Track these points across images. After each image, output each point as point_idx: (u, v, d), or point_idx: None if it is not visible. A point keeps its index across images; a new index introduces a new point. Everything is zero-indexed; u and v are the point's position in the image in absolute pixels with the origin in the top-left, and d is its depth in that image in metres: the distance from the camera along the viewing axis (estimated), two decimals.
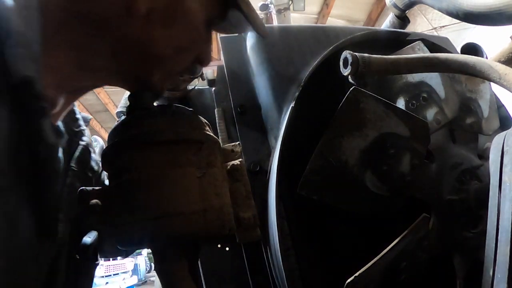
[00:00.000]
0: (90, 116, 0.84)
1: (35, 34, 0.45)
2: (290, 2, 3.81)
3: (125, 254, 0.65)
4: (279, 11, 3.69)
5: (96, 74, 0.63)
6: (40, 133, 0.45)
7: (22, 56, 0.43)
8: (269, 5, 3.76)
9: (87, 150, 0.72)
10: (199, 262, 0.79)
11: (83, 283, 0.73)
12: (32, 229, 0.45)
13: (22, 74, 0.42)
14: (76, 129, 0.73)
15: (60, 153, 0.52)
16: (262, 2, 3.76)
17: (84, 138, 0.74)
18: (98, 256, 0.72)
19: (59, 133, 0.48)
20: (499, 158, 0.59)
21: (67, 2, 0.53)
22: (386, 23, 1.22)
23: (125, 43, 0.58)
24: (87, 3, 0.54)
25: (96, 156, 0.78)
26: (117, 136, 0.60)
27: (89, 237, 0.70)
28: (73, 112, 0.74)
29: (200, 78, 1.06)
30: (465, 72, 0.69)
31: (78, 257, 0.67)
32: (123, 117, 0.64)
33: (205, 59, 0.71)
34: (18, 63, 0.42)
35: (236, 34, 1.03)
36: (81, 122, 0.76)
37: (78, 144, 0.71)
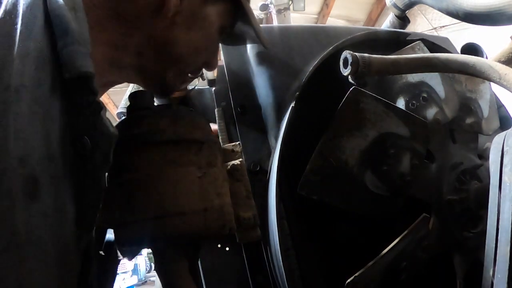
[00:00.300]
0: None
1: (86, 32, 0.49)
2: (290, 2, 3.80)
3: (131, 255, 0.63)
4: (279, 11, 3.69)
5: (122, 70, 0.68)
6: (101, 125, 0.48)
7: (80, 53, 0.46)
8: (269, 5, 3.76)
9: None
10: (199, 262, 0.79)
11: (108, 279, 0.76)
12: (74, 219, 0.47)
13: (82, 70, 0.45)
14: None
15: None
16: (262, 2, 3.75)
17: None
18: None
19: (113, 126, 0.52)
20: (499, 158, 0.59)
21: (106, 1, 0.58)
22: (386, 23, 1.22)
23: (151, 42, 0.65)
24: (124, 2, 0.60)
25: None
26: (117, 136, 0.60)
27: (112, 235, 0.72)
28: None
29: (200, 78, 1.06)
30: (465, 72, 0.69)
31: (103, 254, 0.69)
32: (123, 118, 0.64)
33: (213, 63, 0.80)
34: (76, 60, 0.45)
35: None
36: None
37: None
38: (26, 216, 0.40)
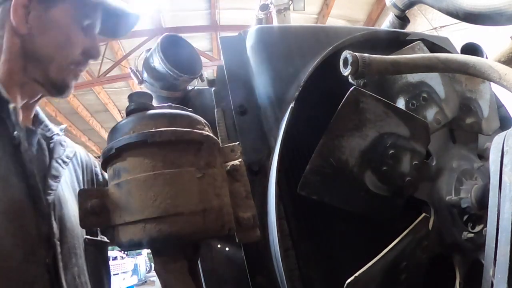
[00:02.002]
0: (65, 125, 1.08)
1: None
2: (290, 2, 3.80)
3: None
4: (279, 11, 3.69)
5: (25, 88, 0.88)
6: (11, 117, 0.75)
7: None
8: (269, 5, 3.76)
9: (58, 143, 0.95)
10: (199, 262, 0.79)
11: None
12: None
13: None
14: (48, 135, 0.94)
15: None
16: (262, 2, 3.75)
17: (55, 137, 0.95)
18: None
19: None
20: (499, 158, 0.59)
21: None
22: (386, 23, 1.22)
23: (24, 57, 0.84)
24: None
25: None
26: (117, 136, 0.60)
27: None
28: (45, 124, 0.97)
29: (200, 79, 1.06)
30: (465, 72, 0.69)
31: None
32: (123, 118, 0.64)
33: (93, 54, 0.93)
34: None
35: (235, 35, 1.03)
36: (53, 129, 0.98)
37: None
38: None
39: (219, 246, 0.88)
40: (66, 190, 0.91)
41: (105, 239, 1.00)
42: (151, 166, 0.57)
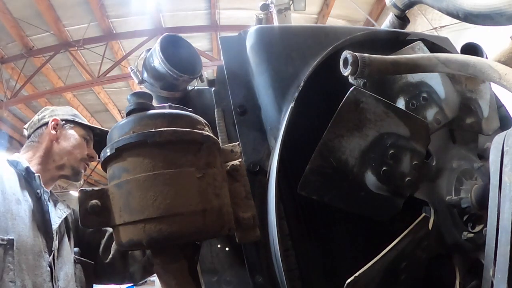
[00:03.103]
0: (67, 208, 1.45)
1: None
2: (291, 2, 3.80)
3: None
4: (279, 11, 3.68)
5: (48, 173, 1.39)
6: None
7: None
8: (270, 5, 3.75)
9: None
10: (199, 262, 0.79)
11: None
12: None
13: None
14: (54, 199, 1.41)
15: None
16: (262, 2, 3.75)
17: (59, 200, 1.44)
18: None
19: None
20: (499, 158, 0.59)
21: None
22: (386, 23, 1.22)
23: (51, 157, 1.41)
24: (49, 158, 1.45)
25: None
26: (117, 136, 0.60)
27: None
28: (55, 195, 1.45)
29: (200, 80, 1.06)
30: (465, 72, 0.69)
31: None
32: (123, 119, 0.64)
33: (94, 156, 1.47)
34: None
35: (235, 35, 1.03)
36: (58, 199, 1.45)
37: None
38: None
39: (219, 246, 0.88)
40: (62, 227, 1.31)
41: (89, 260, 1.35)
42: (151, 166, 0.57)
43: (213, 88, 1.02)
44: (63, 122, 1.45)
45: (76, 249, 1.33)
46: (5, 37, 6.64)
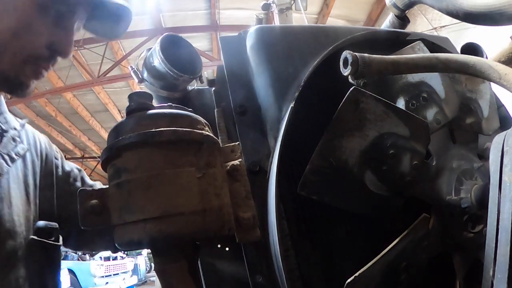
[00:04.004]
0: (25, 120, 0.99)
1: None
2: (292, 1, 3.80)
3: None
4: (281, 11, 3.69)
5: None
6: None
7: None
8: (271, 5, 3.75)
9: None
10: (199, 262, 0.79)
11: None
12: None
13: None
14: (4, 128, 0.88)
15: None
16: (264, 2, 3.75)
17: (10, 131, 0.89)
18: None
19: None
20: (499, 158, 0.59)
21: None
22: (386, 23, 1.22)
23: None
24: None
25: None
26: (117, 136, 0.60)
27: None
28: (3, 116, 0.90)
29: (199, 81, 1.06)
30: (465, 72, 0.69)
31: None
32: (123, 118, 0.64)
33: (63, 50, 0.82)
34: None
35: (235, 35, 1.03)
36: (11, 123, 0.91)
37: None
38: None
39: (219, 246, 0.88)
40: (14, 186, 0.84)
41: (56, 242, 0.90)
42: (151, 166, 0.57)
43: (213, 88, 1.02)
44: None
45: (42, 222, 0.88)
46: None
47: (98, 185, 1.12)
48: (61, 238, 0.92)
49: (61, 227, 0.93)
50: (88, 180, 1.12)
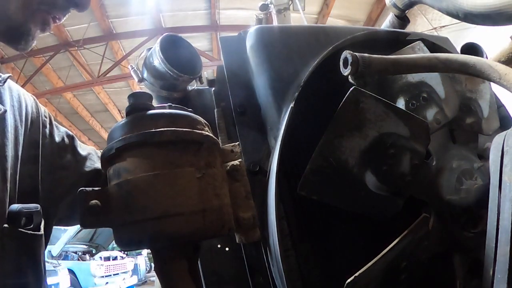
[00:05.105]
0: (8, 75, 0.80)
1: None
2: (290, 2, 3.81)
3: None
4: (279, 11, 3.69)
5: None
6: None
7: None
8: (269, 5, 3.76)
9: None
10: (199, 262, 0.79)
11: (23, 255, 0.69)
12: None
13: None
14: None
15: None
16: (262, 2, 3.75)
17: None
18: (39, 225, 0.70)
19: None
20: (499, 158, 0.59)
21: None
22: (386, 23, 1.22)
23: None
24: None
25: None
26: (117, 136, 0.60)
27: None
28: None
29: (199, 81, 1.06)
30: (465, 72, 0.69)
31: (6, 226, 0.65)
32: (123, 118, 0.64)
33: (80, 1, 0.73)
34: None
35: (235, 35, 1.03)
36: None
37: None
38: None
39: (219, 246, 0.88)
40: None
41: (35, 231, 0.71)
42: (151, 166, 0.57)
43: (213, 88, 1.02)
44: None
45: (15, 206, 0.69)
46: None
47: (93, 152, 0.97)
48: (43, 223, 0.74)
49: (48, 208, 0.79)
50: (80, 150, 0.94)
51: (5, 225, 0.66)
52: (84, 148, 0.97)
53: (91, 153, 0.97)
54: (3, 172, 0.70)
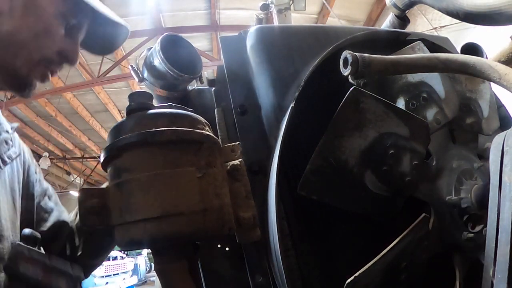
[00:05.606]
0: (16, 124, 1.00)
1: None
2: (291, 2, 3.80)
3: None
4: (279, 11, 3.69)
5: None
6: None
7: None
8: (270, 5, 3.75)
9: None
10: (199, 262, 0.79)
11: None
12: None
13: None
14: None
15: None
16: (262, 2, 3.75)
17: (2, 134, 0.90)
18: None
19: None
20: (499, 158, 0.59)
21: None
22: (386, 23, 1.22)
23: None
24: None
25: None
26: (117, 136, 0.60)
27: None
28: None
29: (199, 81, 1.06)
30: (465, 72, 0.69)
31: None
32: (123, 118, 0.64)
33: (70, 57, 0.88)
34: None
35: (235, 35, 1.03)
36: (4, 125, 0.92)
37: None
38: None
39: (219, 246, 0.88)
40: (2, 190, 0.84)
41: (42, 251, 0.86)
42: (152, 165, 0.57)
43: (213, 88, 1.02)
44: None
45: (28, 230, 0.85)
46: None
47: (55, 210, 1.06)
48: (42, 249, 0.88)
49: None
50: (51, 202, 1.09)
51: (19, 242, 0.82)
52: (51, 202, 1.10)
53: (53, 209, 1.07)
54: (13, 202, 0.87)
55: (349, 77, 0.69)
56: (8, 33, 0.77)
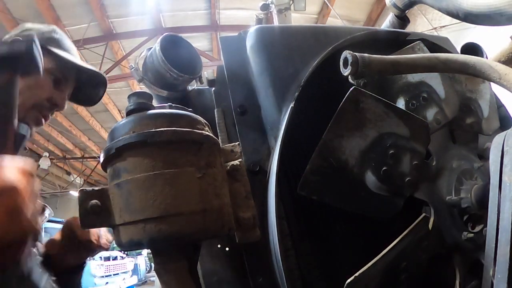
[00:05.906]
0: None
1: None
2: (291, 2, 3.80)
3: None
4: (279, 11, 3.68)
5: None
6: None
7: None
8: (270, 5, 3.75)
9: None
10: (199, 262, 0.79)
11: None
12: None
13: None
14: None
15: None
16: (262, 2, 3.75)
17: None
18: None
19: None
20: (499, 158, 0.59)
21: None
22: (386, 23, 1.22)
23: None
24: None
25: None
26: (117, 136, 0.60)
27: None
28: None
29: (199, 82, 1.06)
30: (465, 72, 0.69)
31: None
32: (123, 118, 0.64)
33: (59, 103, 1.08)
34: None
35: (235, 35, 1.03)
36: None
37: None
38: None
39: (219, 246, 0.88)
40: None
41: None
42: (151, 166, 0.57)
43: (213, 88, 1.02)
44: None
45: None
46: None
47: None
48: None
49: None
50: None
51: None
52: None
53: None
54: None
55: (349, 77, 0.69)
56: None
